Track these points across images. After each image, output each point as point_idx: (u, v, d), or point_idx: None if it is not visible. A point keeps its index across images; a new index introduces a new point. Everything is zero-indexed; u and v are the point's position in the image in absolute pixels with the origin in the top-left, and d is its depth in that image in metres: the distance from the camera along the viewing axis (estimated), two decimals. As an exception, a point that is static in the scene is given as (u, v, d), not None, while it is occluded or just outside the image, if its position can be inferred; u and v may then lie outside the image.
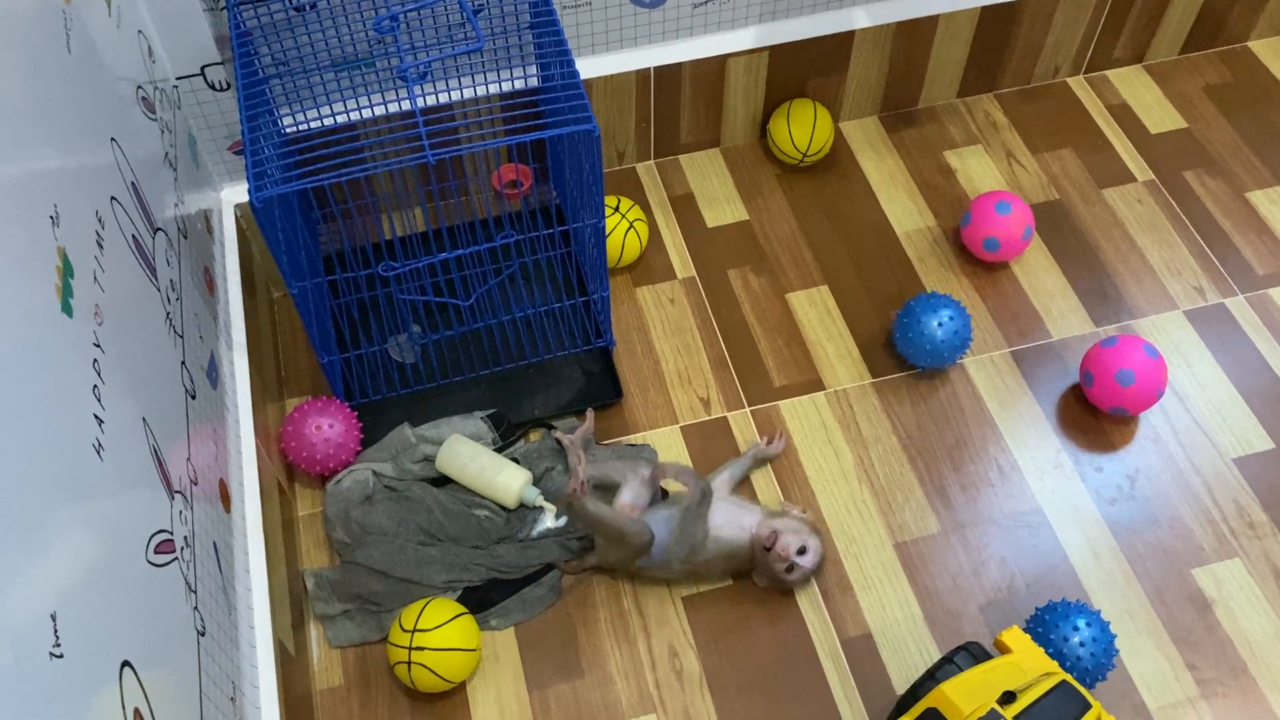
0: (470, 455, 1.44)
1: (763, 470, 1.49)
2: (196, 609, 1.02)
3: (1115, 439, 1.53)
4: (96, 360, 0.90)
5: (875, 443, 1.52)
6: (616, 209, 1.64)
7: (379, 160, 1.61)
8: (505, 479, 1.43)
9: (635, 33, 1.64)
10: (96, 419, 0.87)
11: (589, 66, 1.65)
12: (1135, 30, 1.91)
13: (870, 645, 1.36)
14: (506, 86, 1.60)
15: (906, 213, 1.77)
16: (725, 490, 1.42)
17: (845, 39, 1.74)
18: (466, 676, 1.32)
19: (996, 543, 1.43)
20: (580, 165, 1.38)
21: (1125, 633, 1.36)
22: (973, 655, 1.22)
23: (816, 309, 1.66)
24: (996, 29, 1.81)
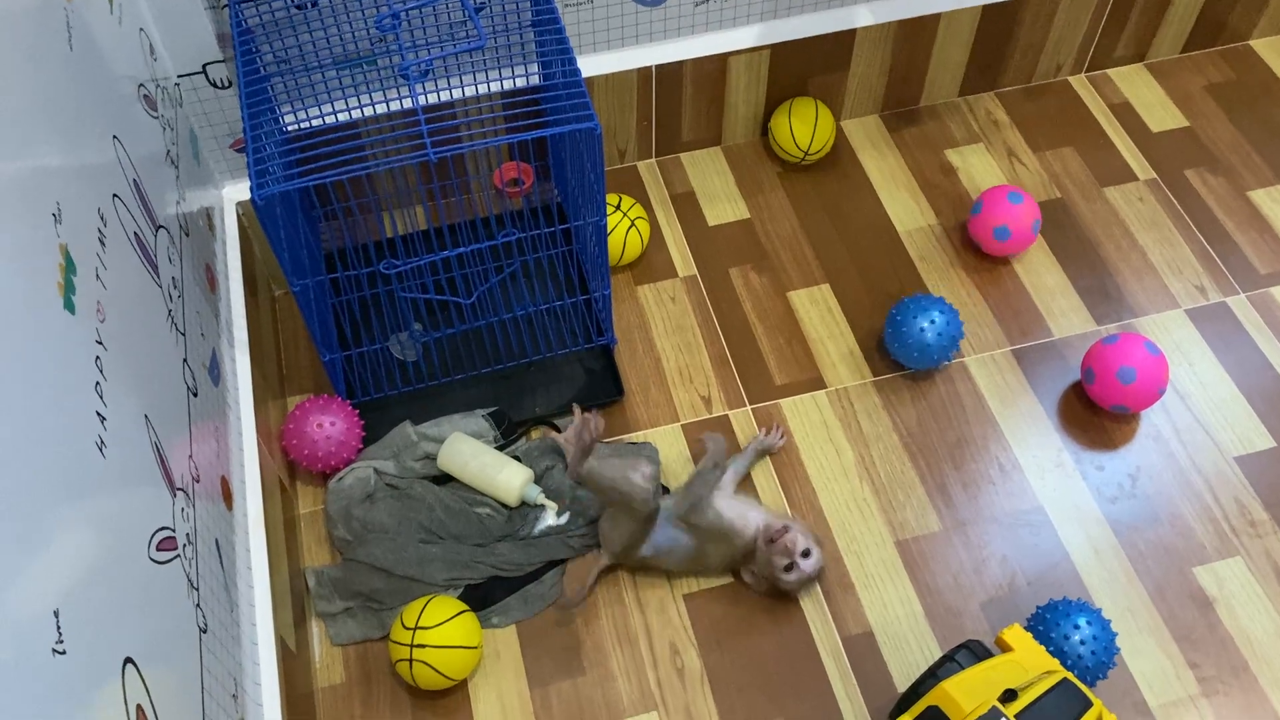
0: (471, 453, 1.44)
1: (765, 469, 1.50)
2: (198, 606, 1.02)
3: (1116, 437, 1.53)
4: (99, 357, 0.90)
5: (876, 441, 1.52)
6: (618, 207, 1.64)
7: (380, 158, 1.61)
8: (506, 477, 1.43)
9: (636, 31, 1.64)
10: (99, 416, 0.87)
11: (590, 65, 1.65)
12: (1137, 29, 1.91)
13: (871, 643, 1.36)
14: (508, 84, 1.60)
15: (908, 211, 1.77)
16: (730, 488, 1.42)
17: (847, 37, 1.74)
18: (468, 674, 1.32)
19: (998, 541, 1.43)
20: (581, 163, 1.38)
21: (1126, 631, 1.36)
22: (974, 653, 1.22)
23: (817, 307, 1.66)
24: (998, 27, 1.81)
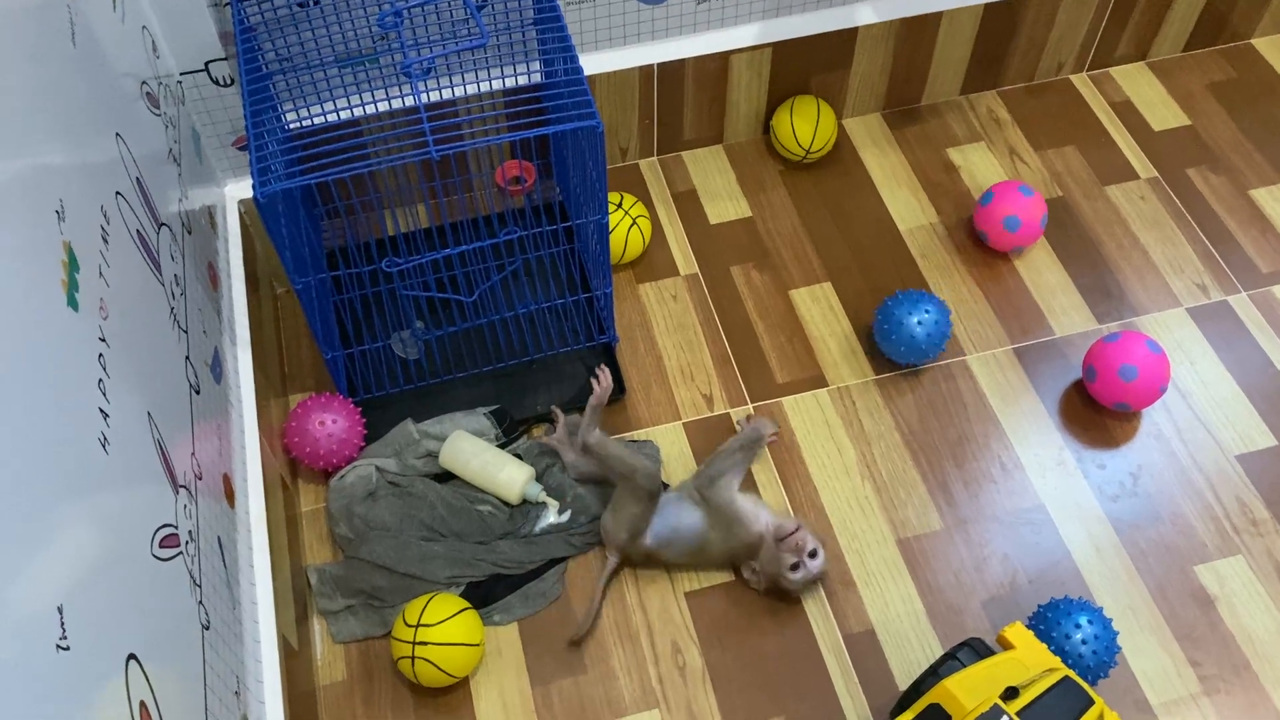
0: (473, 451, 1.45)
1: (766, 467, 1.50)
2: (201, 603, 1.02)
3: (1118, 435, 1.53)
4: (102, 354, 0.90)
5: (878, 439, 1.52)
6: (619, 205, 1.64)
7: (382, 156, 1.61)
8: (508, 475, 1.43)
9: (638, 29, 1.64)
10: (102, 413, 0.87)
11: (592, 63, 1.65)
12: (1139, 27, 1.91)
13: (873, 641, 1.36)
14: (510, 83, 1.60)
15: (909, 209, 1.77)
16: (735, 489, 1.42)
17: (849, 35, 1.74)
18: (469, 671, 1.32)
19: (999, 539, 1.44)
20: (583, 161, 1.38)
21: (1128, 629, 1.36)
22: (975, 651, 1.22)
23: (819, 305, 1.66)
24: (1000, 26, 1.81)
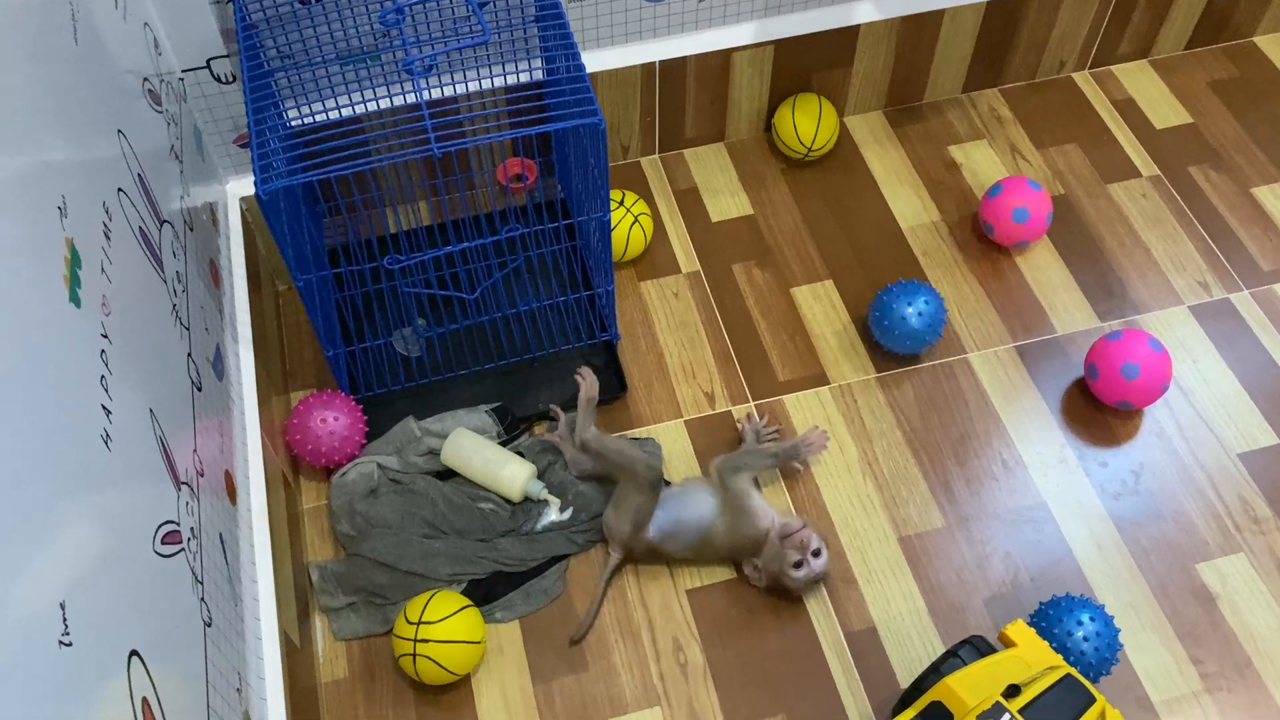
0: (475, 448, 1.45)
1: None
2: (203, 600, 1.02)
3: (1120, 434, 1.53)
4: (104, 351, 0.90)
5: (879, 437, 1.52)
6: (621, 203, 1.64)
7: (384, 153, 1.60)
8: (510, 472, 1.43)
9: (640, 26, 1.64)
10: (104, 409, 0.87)
11: (593, 60, 1.65)
12: (1141, 25, 1.90)
13: (874, 639, 1.36)
14: (512, 80, 1.60)
15: (911, 207, 1.77)
16: (752, 482, 1.42)
17: (850, 33, 1.74)
18: (471, 669, 1.32)
19: (1001, 537, 1.44)
20: (585, 159, 1.38)
21: (1129, 627, 1.36)
22: (977, 649, 1.22)
23: (821, 303, 1.66)
24: (1002, 23, 1.81)
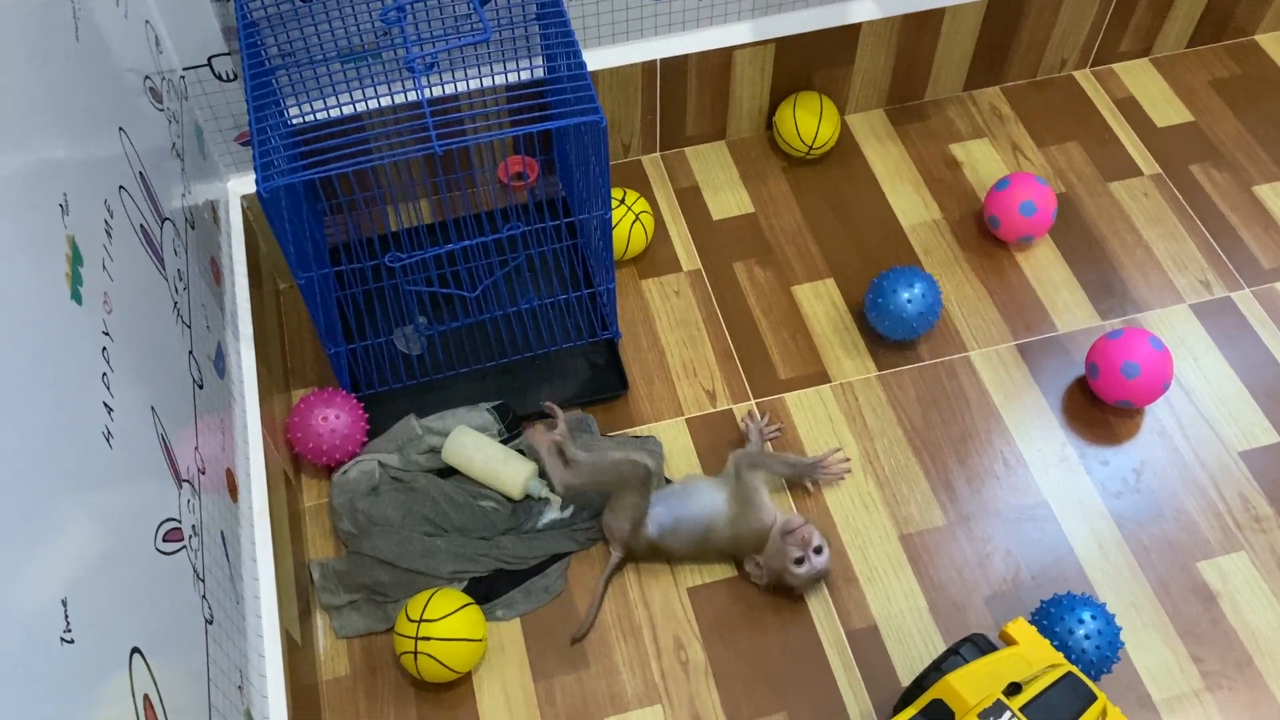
0: (476, 446, 1.45)
1: (768, 462, 1.50)
2: (204, 597, 1.02)
3: (1121, 432, 1.53)
4: (106, 348, 0.90)
5: (881, 435, 1.52)
6: (622, 201, 1.64)
7: (385, 151, 1.60)
8: (511, 470, 1.43)
9: (641, 24, 1.64)
10: (106, 407, 0.87)
11: (595, 58, 1.64)
12: (1142, 23, 1.90)
13: (875, 637, 1.36)
14: (513, 78, 1.60)
15: (912, 205, 1.77)
16: (763, 481, 1.42)
17: (851, 31, 1.74)
18: (472, 667, 1.32)
19: (1002, 535, 1.44)
20: (587, 157, 1.38)
21: (1130, 625, 1.36)
22: (978, 647, 1.22)
23: (822, 301, 1.66)
24: (1003, 22, 1.81)
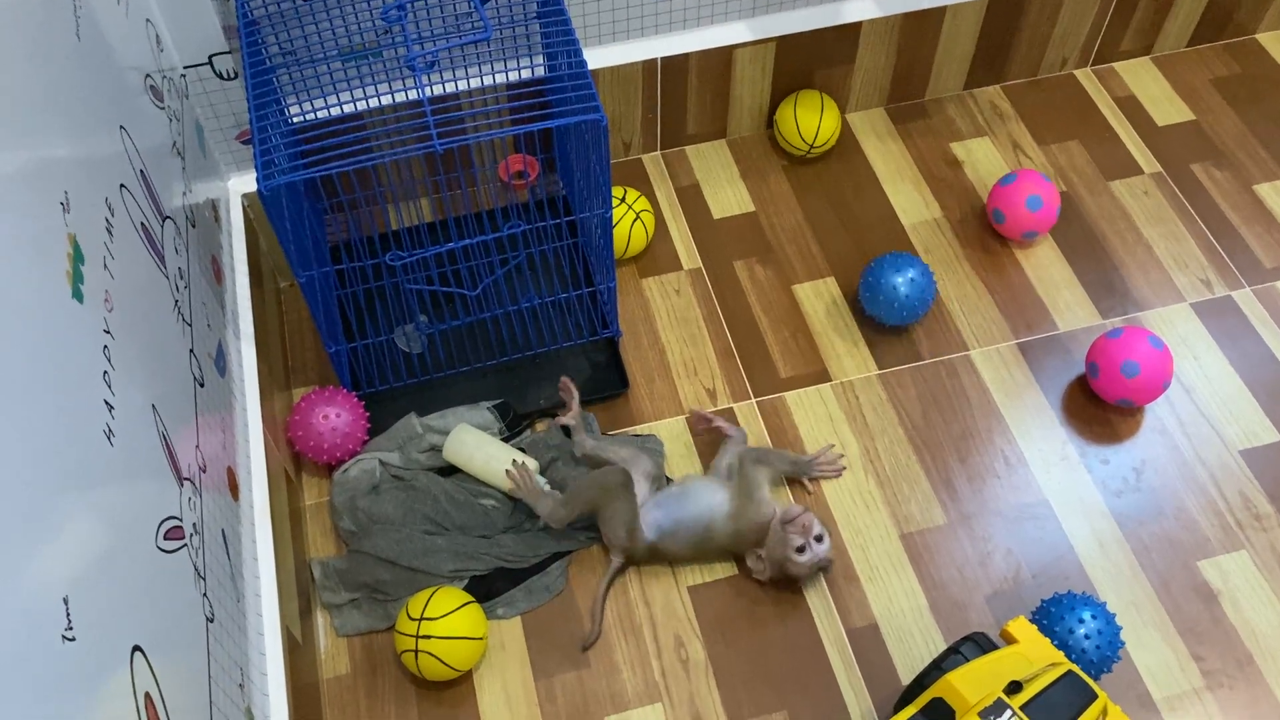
0: (477, 445, 1.44)
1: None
2: (205, 595, 1.02)
3: (1121, 431, 1.53)
4: (107, 346, 0.90)
5: (881, 434, 1.52)
6: (623, 200, 1.64)
7: (386, 150, 1.60)
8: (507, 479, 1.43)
9: (642, 23, 1.64)
10: (107, 405, 0.87)
11: (595, 57, 1.64)
12: (1143, 22, 1.90)
13: (876, 635, 1.36)
14: (514, 76, 1.60)
15: (913, 204, 1.77)
16: (765, 475, 1.43)
17: (852, 30, 1.73)
18: (473, 665, 1.32)
19: (1002, 534, 1.44)
20: (587, 156, 1.38)
21: (1131, 624, 1.36)
22: (979, 645, 1.22)
23: (823, 300, 1.66)
24: (1003, 20, 1.80)
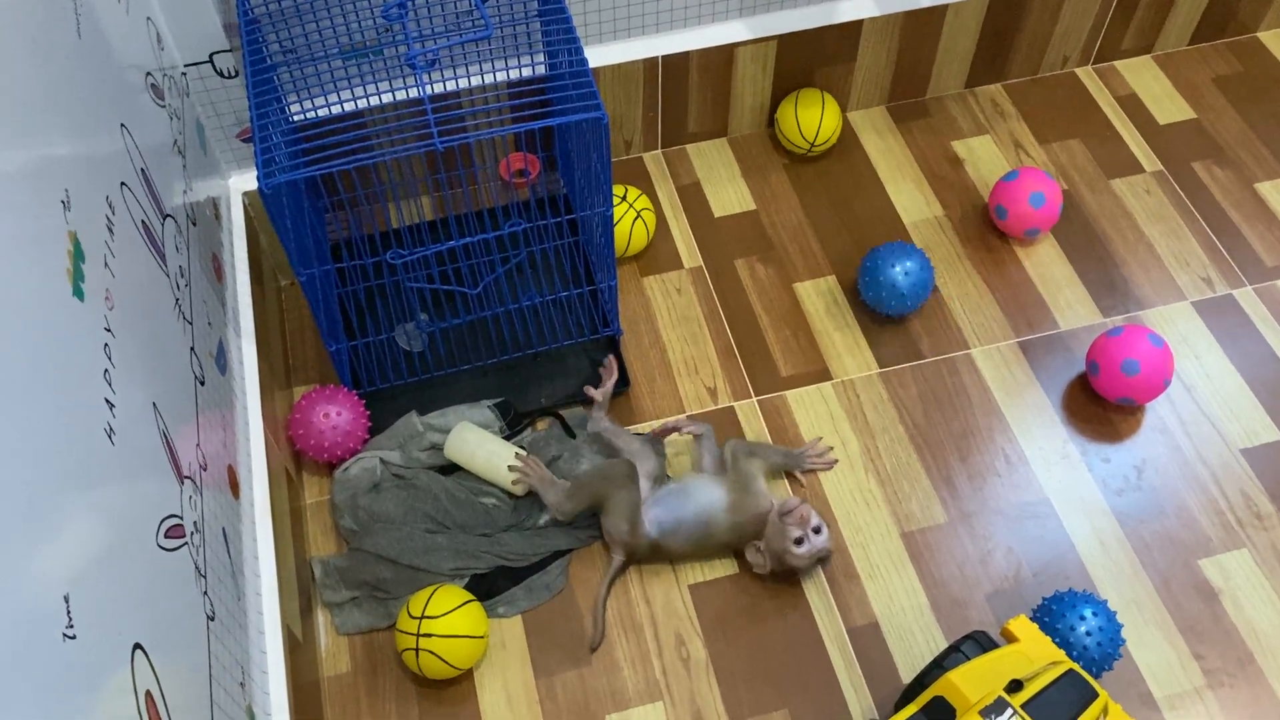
0: (478, 443, 1.44)
1: (769, 459, 1.49)
2: (206, 594, 1.02)
3: (1122, 429, 1.52)
4: (107, 345, 0.90)
5: (882, 432, 1.52)
6: (624, 198, 1.64)
7: (386, 148, 1.60)
8: (511, 475, 1.43)
9: (643, 21, 1.64)
10: (108, 403, 0.87)
11: (596, 55, 1.64)
12: (1144, 20, 1.90)
13: (876, 634, 1.36)
14: (514, 74, 1.60)
15: (914, 202, 1.77)
16: (759, 469, 1.43)
17: (853, 28, 1.73)
18: (474, 664, 1.32)
19: (1003, 532, 1.43)
20: (588, 154, 1.38)
21: (1132, 622, 1.36)
22: (980, 644, 1.22)
23: (824, 299, 1.66)
24: (1004, 19, 1.80)
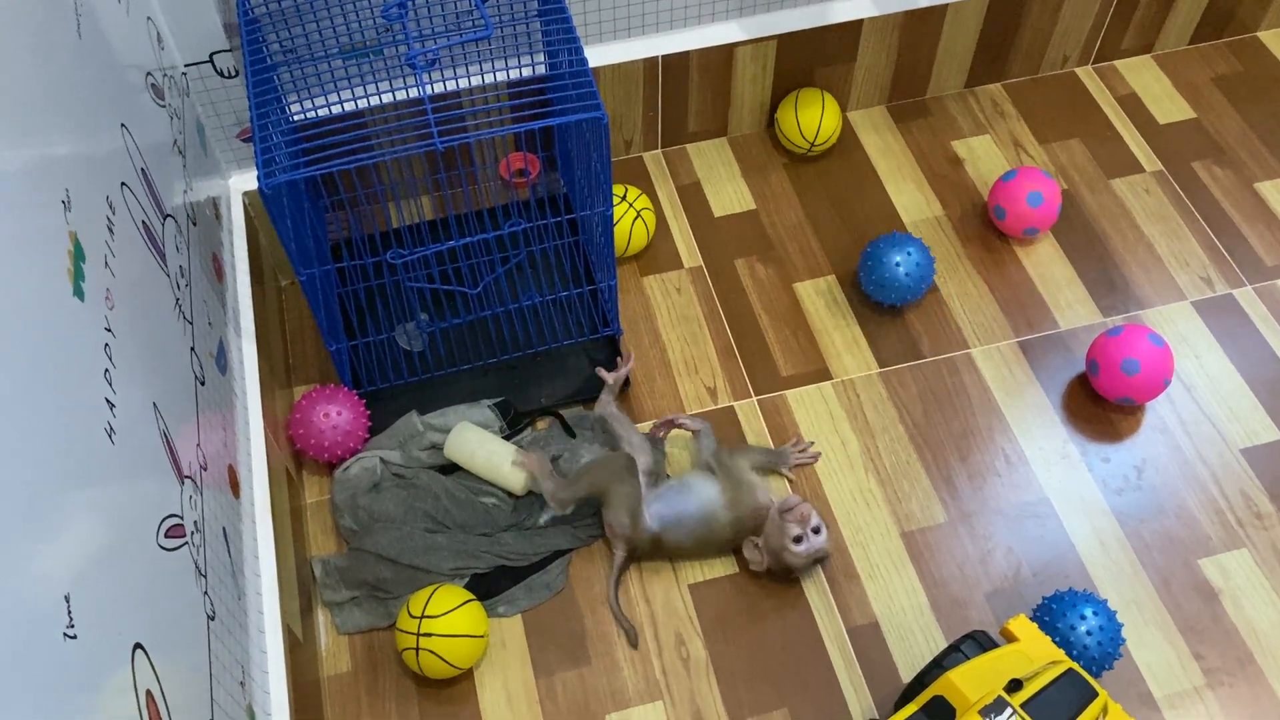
0: (478, 442, 1.45)
1: (770, 459, 1.50)
2: (206, 593, 1.02)
3: (1122, 429, 1.52)
4: (108, 344, 0.90)
5: (882, 432, 1.52)
6: (624, 198, 1.64)
7: (387, 148, 1.60)
8: (513, 466, 1.43)
9: (643, 21, 1.64)
10: (108, 403, 0.87)
11: (596, 55, 1.64)
12: (1144, 20, 1.90)
13: (876, 633, 1.36)
14: (514, 74, 1.60)
15: (914, 202, 1.77)
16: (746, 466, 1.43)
17: (853, 28, 1.73)
18: (474, 663, 1.32)
19: (1003, 532, 1.44)
20: (588, 153, 1.38)
21: (1132, 622, 1.36)
22: (979, 644, 1.22)
23: (824, 298, 1.66)
24: (1004, 18, 1.80)
